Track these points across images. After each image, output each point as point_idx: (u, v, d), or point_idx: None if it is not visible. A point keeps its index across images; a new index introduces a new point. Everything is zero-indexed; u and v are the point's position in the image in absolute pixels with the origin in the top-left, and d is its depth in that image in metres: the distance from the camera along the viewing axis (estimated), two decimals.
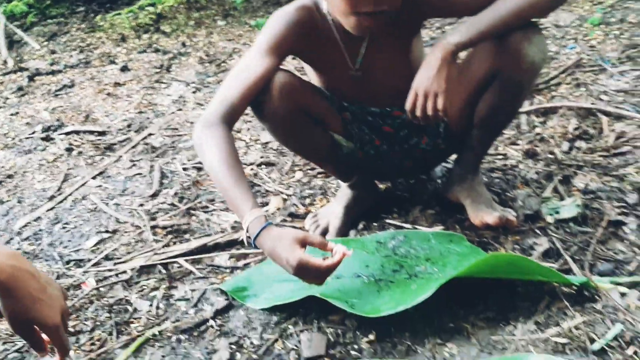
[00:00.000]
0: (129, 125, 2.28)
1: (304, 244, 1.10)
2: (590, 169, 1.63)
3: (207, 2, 3.70)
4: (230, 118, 1.22)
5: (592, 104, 1.96)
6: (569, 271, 1.27)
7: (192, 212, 1.70)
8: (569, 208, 1.46)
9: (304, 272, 1.08)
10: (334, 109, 1.41)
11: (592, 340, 1.09)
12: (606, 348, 1.08)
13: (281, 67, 1.29)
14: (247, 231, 1.13)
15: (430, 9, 1.30)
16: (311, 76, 1.42)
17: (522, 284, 1.25)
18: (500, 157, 1.77)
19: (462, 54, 1.27)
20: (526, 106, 2.02)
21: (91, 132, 2.25)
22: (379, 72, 1.36)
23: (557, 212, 1.46)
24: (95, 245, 1.61)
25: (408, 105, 1.24)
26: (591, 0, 2.88)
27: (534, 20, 1.25)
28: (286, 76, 1.27)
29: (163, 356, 1.21)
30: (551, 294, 1.22)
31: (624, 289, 1.21)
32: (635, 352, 1.06)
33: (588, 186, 1.54)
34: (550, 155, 1.72)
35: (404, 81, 1.29)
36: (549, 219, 1.44)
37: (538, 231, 1.42)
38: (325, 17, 1.30)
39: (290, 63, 2.54)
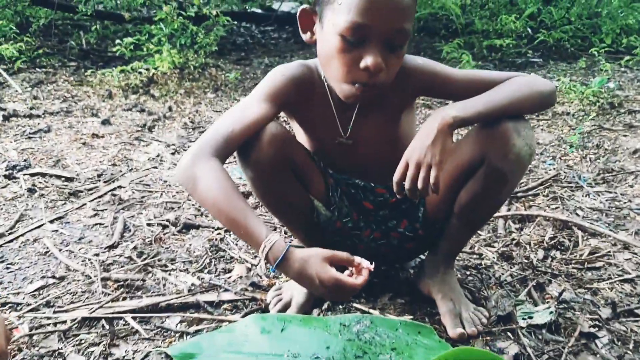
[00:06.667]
0: (99, 175, 2.20)
1: (332, 262, 1.09)
2: (565, 279, 1.60)
3: (200, 75, 3.75)
4: (223, 153, 1.17)
5: (568, 216, 1.96)
6: None
7: (150, 268, 1.59)
8: (542, 314, 1.40)
9: (338, 291, 1.08)
10: (320, 173, 1.37)
11: None
12: None
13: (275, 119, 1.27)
14: (266, 258, 1.10)
15: (423, 86, 1.31)
16: (300, 139, 1.40)
17: None
18: (476, 256, 1.73)
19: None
20: (503, 211, 2.01)
21: (58, 177, 2.16)
22: (367, 142, 1.35)
23: (530, 317, 1.40)
24: (37, 290, 1.48)
25: (397, 175, 1.17)
26: (569, 125, 2.99)
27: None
28: (279, 127, 1.24)
29: None
30: None
31: None
32: None
33: (562, 295, 1.50)
34: (525, 260, 1.68)
35: (391, 155, 1.27)
36: (522, 323, 1.38)
37: (509, 334, 1.35)
38: (323, 81, 1.30)
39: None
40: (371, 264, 1.12)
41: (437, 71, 1.30)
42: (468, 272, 1.63)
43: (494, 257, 1.71)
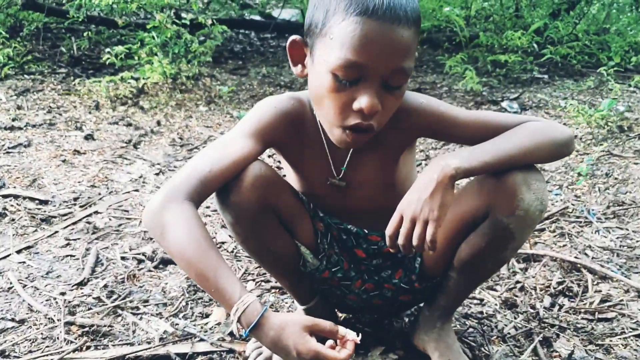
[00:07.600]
0: (75, 199, 2.06)
1: (312, 332, 0.96)
2: (574, 332, 1.46)
3: (193, 86, 3.61)
4: (198, 196, 1.04)
5: (576, 257, 1.83)
6: None
7: (119, 311, 1.45)
8: None
9: None
10: (309, 217, 1.24)
11: None
12: None
13: (259, 158, 1.13)
14: (239, 321, 0.96)
15: (425, 127, 1.18)
16: (289, 177, 1.26)
17: None
18: (477, 302, 1.59)
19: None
20: None
21: (32, 199, 2.02)
22: (361, 185, 1.21)
23: None
24: None
25: (390, 229, 1.04)
26: (577, 150, 2.85)
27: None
28: (263, 167, 1.11)
29: None
30: None
31: None
32: None
33: (572, 355, 1.36)
34: (530, 310, 1.55)
35: (387, 200, 1.14)
36: None
37: None
38: (315, 117, 1.16)
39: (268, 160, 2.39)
40: (357, 335, 0.99)
41: (441, 112, 1.16)
42: (468, 323, 1.49)
43: (496, 304, 1.58)
